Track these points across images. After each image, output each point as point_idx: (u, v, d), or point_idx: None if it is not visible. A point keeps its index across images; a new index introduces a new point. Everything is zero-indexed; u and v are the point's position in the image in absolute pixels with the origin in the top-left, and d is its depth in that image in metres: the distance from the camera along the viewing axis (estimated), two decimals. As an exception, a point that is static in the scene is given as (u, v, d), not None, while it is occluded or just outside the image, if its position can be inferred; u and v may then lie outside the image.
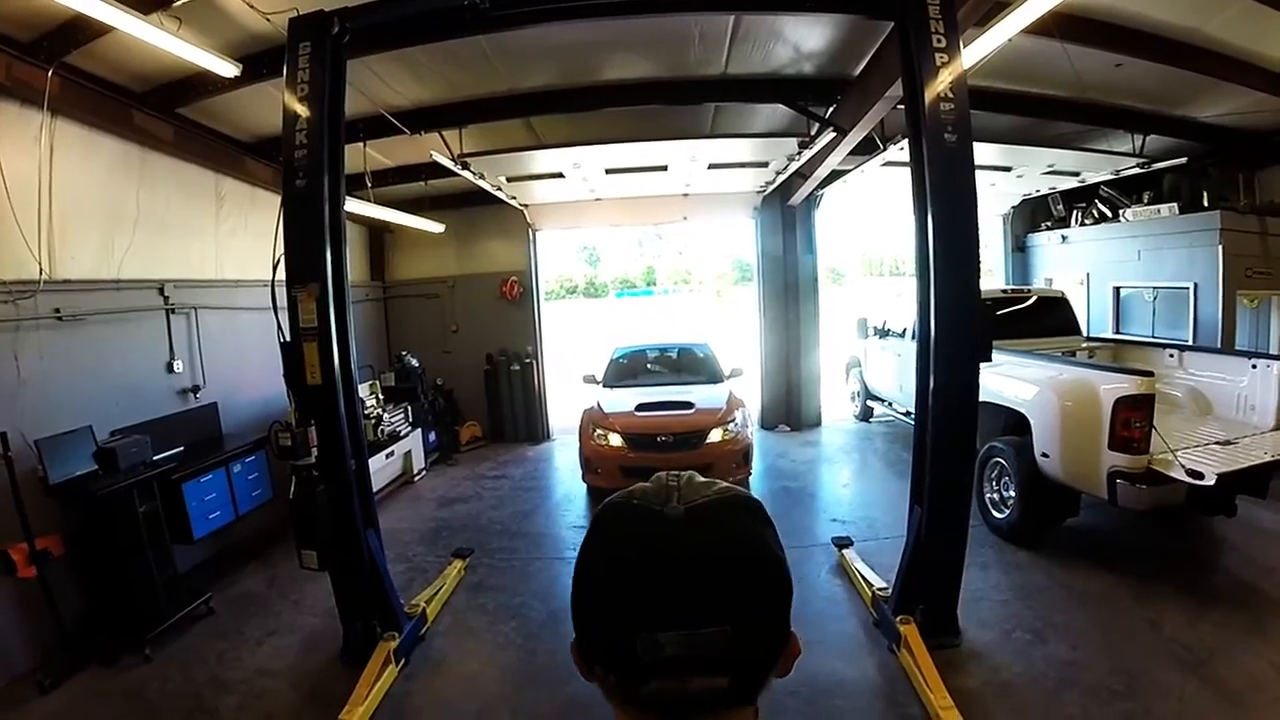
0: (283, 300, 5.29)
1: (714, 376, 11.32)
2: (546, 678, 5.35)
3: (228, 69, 5.89)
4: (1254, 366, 7.22)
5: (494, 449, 12.94)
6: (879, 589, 6.24)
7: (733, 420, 9.42)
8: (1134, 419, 6.20)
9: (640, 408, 9.62)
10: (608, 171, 10.12)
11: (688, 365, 12.08)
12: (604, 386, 11.10)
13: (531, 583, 7.08)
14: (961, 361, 5.35)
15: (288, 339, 5.23)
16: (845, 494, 9.84)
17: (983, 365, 5.52)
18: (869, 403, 13.76)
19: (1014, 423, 7.66)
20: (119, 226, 7.13)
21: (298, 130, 5.17)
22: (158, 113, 7.25)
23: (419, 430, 11.16)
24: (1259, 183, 11.45)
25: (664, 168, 10.21)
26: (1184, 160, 10.56)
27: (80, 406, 6.30)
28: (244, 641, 6.05)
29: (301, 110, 5.18)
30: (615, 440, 9.18)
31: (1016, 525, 7.50)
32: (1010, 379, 7.71)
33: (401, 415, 10.75)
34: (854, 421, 14.12)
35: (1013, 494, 7.56)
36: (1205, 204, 10.90)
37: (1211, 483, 5.66)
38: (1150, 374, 6.37)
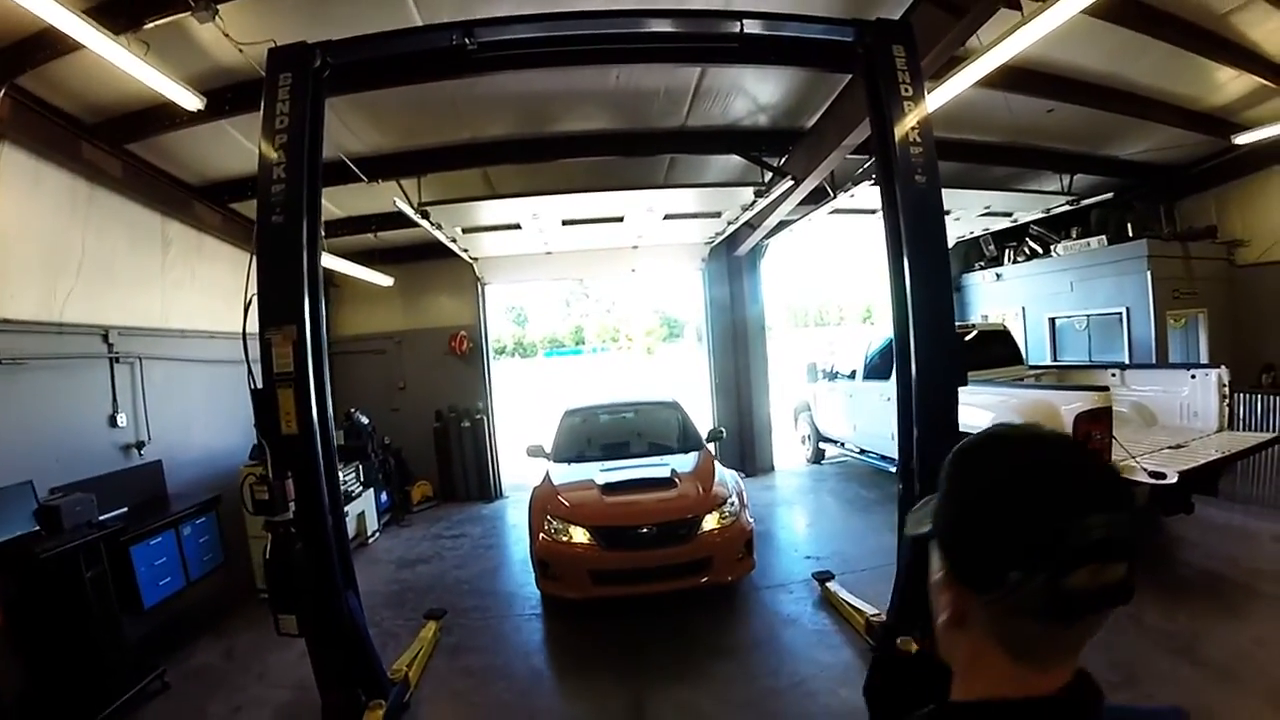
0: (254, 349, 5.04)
1: (691, 442, 9.30)
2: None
3: (192, 101, 5.77)
4: (1193, 377, 7.81)
5: (447, 508, 12.60)
6: (872, 615, 6.32)
7: (729, 500, 7.45)
8: (1095, 431, 6.64)
9: (608, 489, 7.49)
10: (564, 223, 10.02)
11: (656, 429, 9.93)
12: (555, 461, 8.98)
13: (511, 641, 6.89)
14: (942, 385, 5.49)
15: (259, 385, 4.96)
16: (811, 532, 9.86)
17: None
18: (821, 445, 13.97)
19: None
20: (63, 266, 6.82)
21: (275, 165, 4.99)
22: (108, 147, 6.99)
23: (371, 490, 10.76)
24: (1179, 212, 12.31)
25: (620, 219, 10.14)
26: (1110, 195, 11.46)
27: (16, 460, 5.87)
28: None
29: (279, 143, 5.01)
30: (579, 535, 7.06)
31: None
32: (971, 407, 7.75)
33: (353, 475, 10.24)
34: (806, 465, 14.36)
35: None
36: (1131, 234, 11.64)
37: (1174, 481, 6.14)
38: (1106, 389, 6.93)
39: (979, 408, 7.85)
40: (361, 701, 5.14)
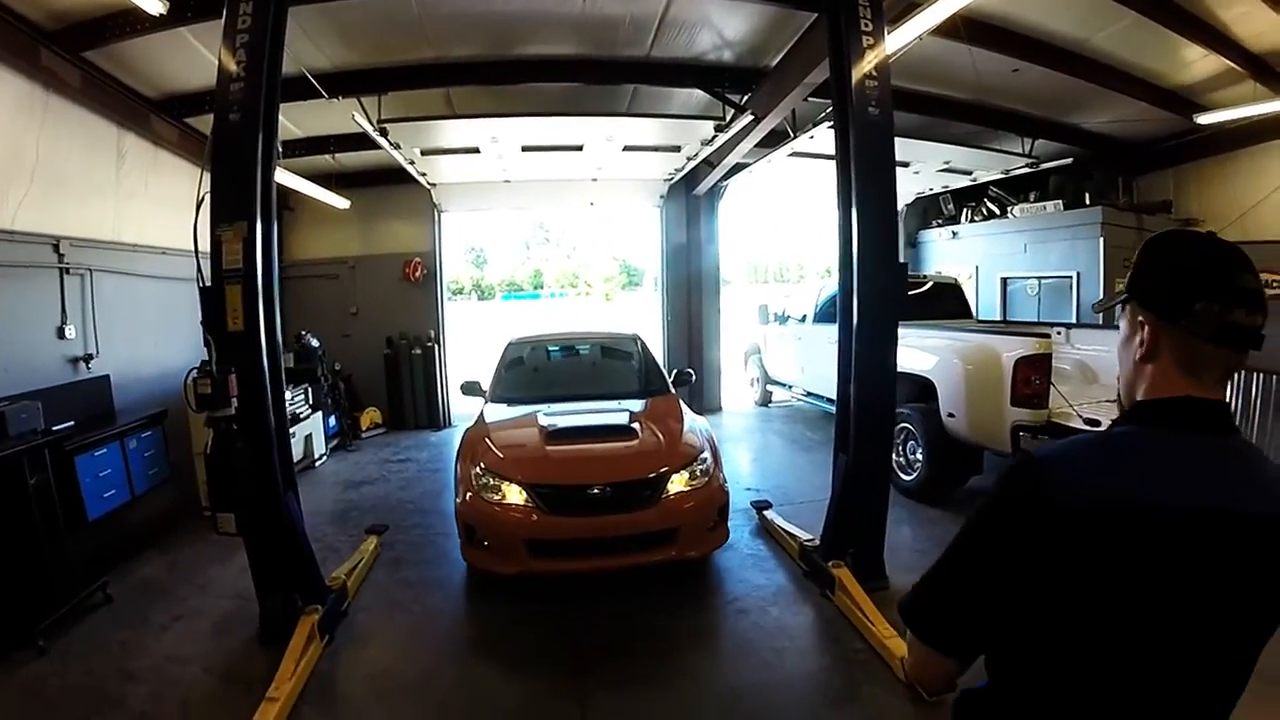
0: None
1: (655, 384, 8.07)
2: (487, 642, 5.29)
3: (154, 4, 5.61)
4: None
5: (395, 435, 12.57)
6: (806, 541, 6.52)
7: (702, 455, 6.23)
8: (1034, 376, 6.78)
9: (554, 437, 6.24)
10: (524, 149, 9.79)
11: (615, 368, 8.83)
12: (492, 402, 7.65)
13: (451, 555, 6.74)
14: (884, 309, 5.76)
15: (208, 284, 4.92)
16: (755, 468, 10.03)
17: None
18: (769, 388, 14.20)
19: (920, 390, 8.14)
20: (16, 173, 6.61)
21: (236, 64, 4.93)
22: (67, 54, 6.80)
23: (319, 414, 10.67)
24: (1137, 186, 12.59)
25: (579, 147, 9.92)
26: (1069, 161, 11.56)
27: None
28: (148, 628, 5.47)
29: (240, 42, 4.94)
30: (514, 495, 5.73)
31: (925, 484, 8.09)
32: (915, 349, 8.14)
33: (302, 397, 10.14)
34: (754, 407, 14.60)
35: (920, 456, 8.09)
36: (1087, 202, 11.76)
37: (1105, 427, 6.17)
38: (1047, 335, 7.06)
39: (925, 351, 8.12)
40: (298, 606, 5.14)
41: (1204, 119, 9.57)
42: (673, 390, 7.94)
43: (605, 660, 4.98)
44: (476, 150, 9.74)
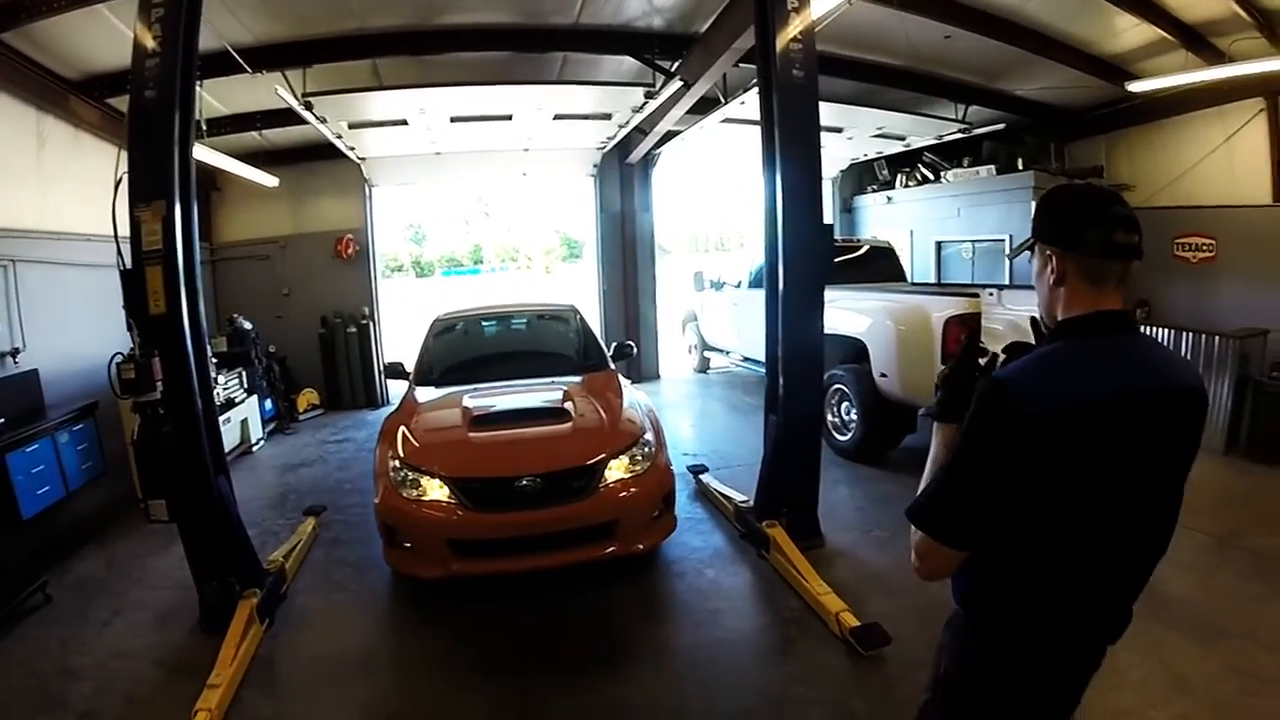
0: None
1: (594, 359, 7.63)
2: (427, 618, 5.25)
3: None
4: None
5: (333, 416, 12.39)
6: (741, 502, 6.60)
7: (643, 436, 5.80)
8: (963, 335, 6.76)
9: (479, 423, 5.78)
10: (453, 120, 9.64)
11: (550, 343, 8.39)
12: (417, 384, 7.14)
13: None
14: (809, 270, 5.85)
15: (128, 266, 4.79)
16: (692, 433, 10.17)
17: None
18: (706, 354, 14.35)
19: (853, 352, 8.29)
20: None
21: (152, 38, 4.76)
22: (-20, 37, 6.52)
23: (255, 397, 10.46)
24: (1069, 152, 12.77)
25: (509, 117, 9.79)
26: (1002, 127, 11.69)
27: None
28: (89, 625, 5.36)
29: (155, 16, 4.77)
30: (435, 490, 5.25)
31: (860, 444, 8.25)
32: (847, 312, 8.33)
33: (236, 381, 9.94)
34: (693, 374, 14.76)
35: (854, 417, 8.24)
36: (1020, 167, 11.97)
37: None
38: (976, 295, 7.22)
39: (858, 313, 8.27)
40: (236, 591, 5.07)
41: (1135, 87, 9.72)
42: (612, 365, 7.46)
43: (545, 628, 5.00)
44: (404, 122, 9.57)
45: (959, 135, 11.99)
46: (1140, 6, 8.06)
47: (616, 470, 5.46)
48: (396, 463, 5.48)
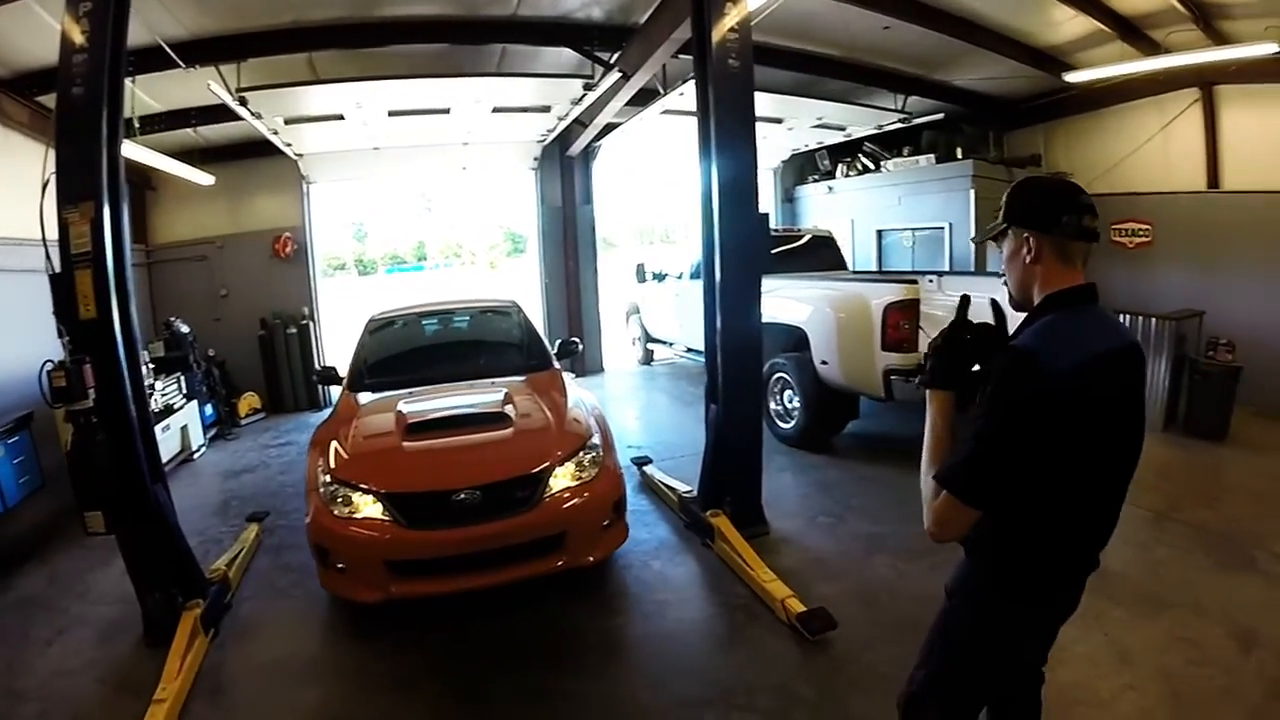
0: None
1: (537, 358, 7.25)
2: (372, 622, 5.13)
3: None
4: (1005, 284, 7.96)
5: (275, 420, 12.13)
6: (685, 492, 6.65)
7: (590, 440, 5.49)
8: (902, 321, 7.12)
9: (413, 431, 5.39)
10: (391, 114, 9.54)
11: (491, 342, 8.06)
12: (351, 390, 6.70)
13: None
14: (746, 259, 5.89)
15: (57, 270, 4.67)
16: (637, 425, 10.24)
17: (764, 289, 6.13)
18: (650, 346, 14.43)
19: (795, 340, 8.37)
20: None
21: (80, 33, 4.62)
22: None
23: (194, 403, 10.16)
24: (1007, 141, 13.04)
25: (447, 110, 9.71)
26: (941, 117, 11.86)
27: None
28: (31, 645, 5.18)
29: (83, 11, 4.63)
30: (368, 506, 4.87)
31: (804, 432, 8.36)
32: (788, 300, 8.42)
33: (175, 386, 9.66)
34: (637, 366, 14.81)
35: (798, 404, 8.34)
36: (959, 156, 12.16)
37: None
38: (915, 283, 7.31)
39: (798, 301, 8.38)
40: (179, 602, 4.93)
41: (1072, 78, 9.96)
42: (556, 364, 7.15)
43: (491, 626, 4.96)
44: (341, 117, 9.46)
45: (899, 125, 12.11)
46: (1078, -2, 8.18)
47: (562, 478, 5.14)
48: (326, 478, 5.09)
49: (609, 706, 4.13)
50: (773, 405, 8.83)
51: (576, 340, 7.87)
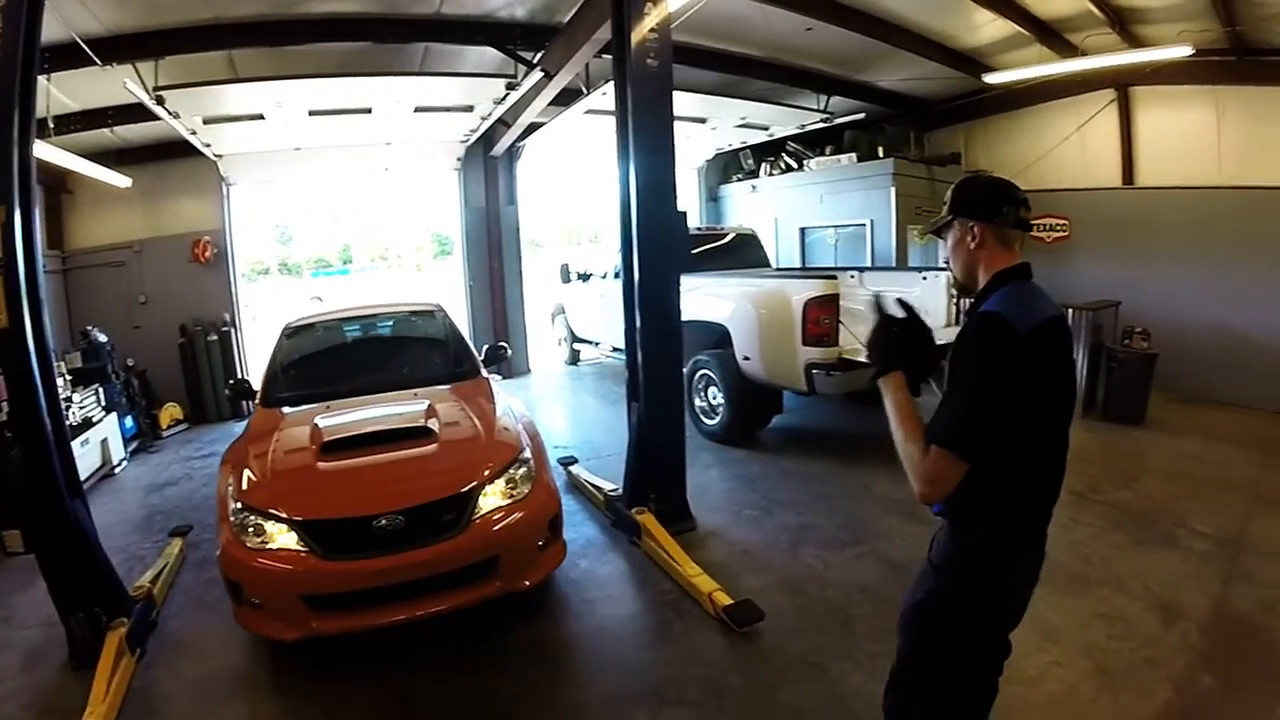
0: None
1: (463, 366, 6.91)
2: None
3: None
4: (925, 279, 8.30)
5: (199, 430, 11.75)
6: (610, 491, 6.71)
7: (522, 453, 5.13)
8: (822, 316, 7.25)
9: (329, 450, 4.97)
10: (311, 113, 9.37)
11: (415, 349, 7.55)
12: (265, 406, 6.25)
13: None
14: (664, 257, 5.98)
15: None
16: (564, 426, 10.23)
17: (685, 288, 6.26)
18: (576, 346, 14.41)
19: (717, 337, 8.48)
20: None
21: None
22: None
23: (114, 415, 9.81)
24: (928, 140, 13.42)
25: (369, 110, 9.59)
26: (862, 116, 12.09)
27: None
28: None
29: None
30: (283, 537, 4.45)
31: (729, 427, 8.47)
32: (710, 297, 8.54)
33: (93, 398, 9.32)
34: (564, 366, 14.82)
35: (722, 401, 8.43)
36: (880, 154, 12.36)
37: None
38: (834, 278, 7.47)
39: (720, 298, 8.50)
40: (103, 622, 4.75)
41: (992, 79, 10.32)
42: (483, 371, 6.84)
43: (421, 631, 4.82)
44: (261, 117, 9.26)
45: (821, 125, 12.28)
46: (997, 2, 8.47)
47: (493, 496, 4.78)
48: (236, 504, 4.67)
49: (539, 708, 4.13)
50: (697, 402, 8.94)
51: (504, 345, 7.62)
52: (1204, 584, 5.12)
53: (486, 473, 4.84)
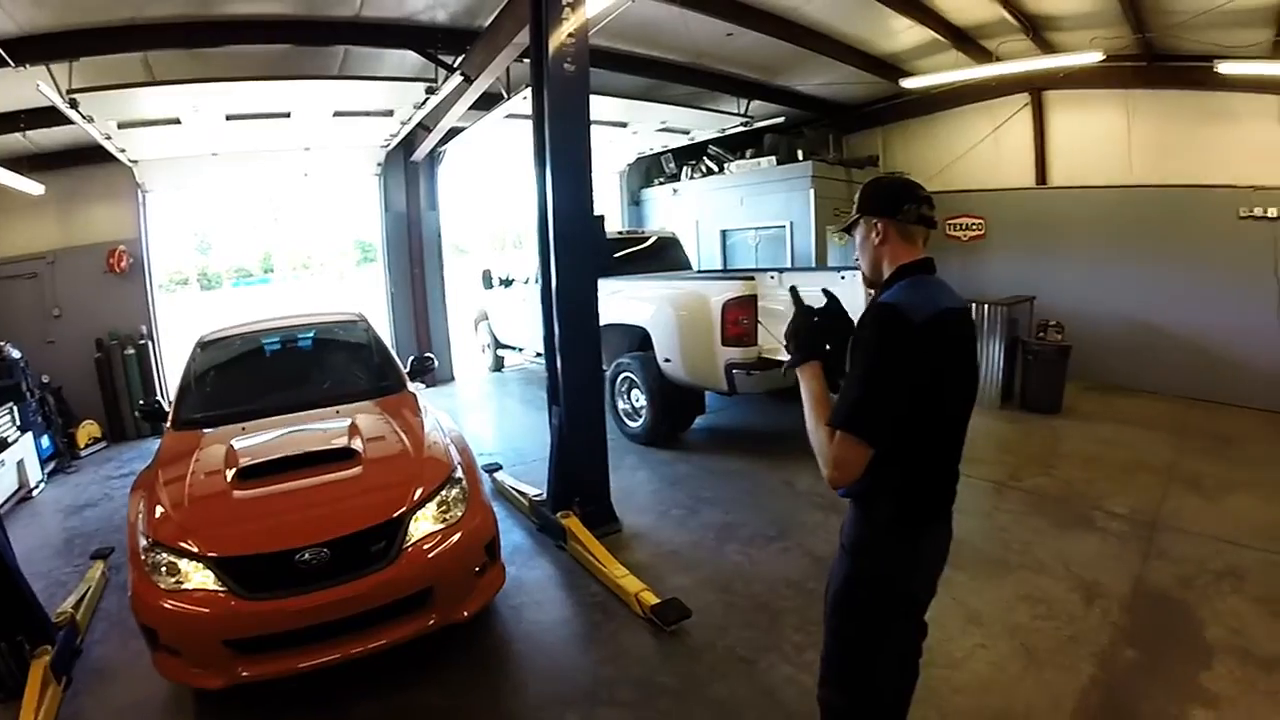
0: None
1: (389, 379, 6.51)
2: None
3: None
4: (843, 278, 8.32)
5: (118, 448, 11.35)
6: (535, 496, 6.71)
7: (453, 473, 4.82)
8: (741, 317, 7.34)
9: (244, 477, 4.56)
10: (229, 118, 9.14)
11: (337, 363, 7.03)
12: (176, 428, 5.70)
13: None
14: (582, 261, 6.03)
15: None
16: (488, 432, 10.15)
17: (606, 291, 6.39)
18: (499, 353, 14.41)
19: (639, 340, 8.57)
20: None
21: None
22: None
23: (30, 435, 9.38)
24: (847, 143, 13.82)
25: (288, 115, 9.42)
26: (781, 120, 12.34)
27: None
28: None
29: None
30: (199, 575, 4.01)
31: (652, 429, 8.52)
32: (631, 300, 8.63)
33: (8, 418, 8.92)
34: (488, 373, 14.75)
35: (645, 403, 8.50)
36: (800, 157, 12.57)
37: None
38: (752, 279, 7.58)
39: (641, 301, 8.59)
40: (26, 651, 4.57)
41: (909, 84, 10.61)
42: (409, 385, 6.43)
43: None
44: (178, 121, 9.00)
45: (742, 129, 12.50)
46: (914, 9, 8.71)
47: (424, 521, 4.44)
48: (145, 541, 4.24)
49: (469, 716, 4.12)
50: (621, 405, 9.01)
51: (431, 356, 7.27)
52: (1123, 562, 5.36)
53: (417, 496, 4.49)
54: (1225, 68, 8.56)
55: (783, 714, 3.88)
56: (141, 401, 6.76)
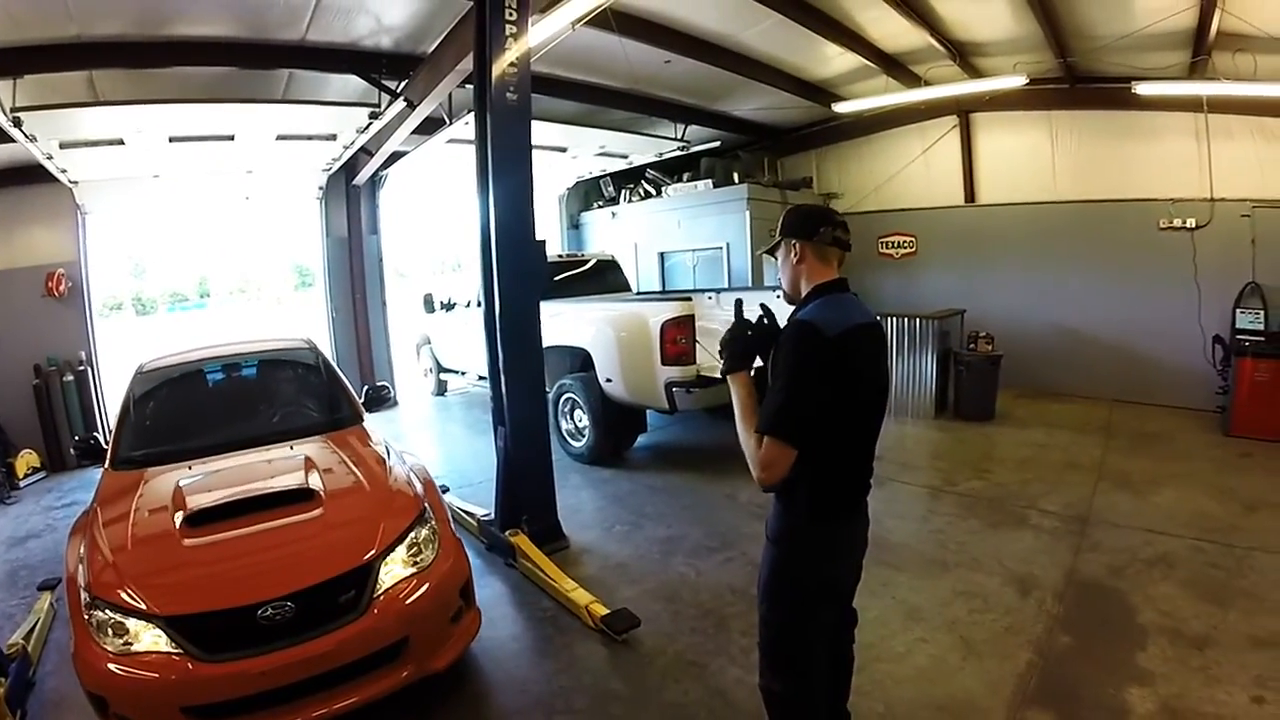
0: None
1: (343, 411, 6.06)
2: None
3: None
4: (778, 296, 8.55)
5: (58, 478, 10.96)
6: (483, 516, 6.78)
7: (422, 513, 4.43)
8: (680, 336, 7.56)
9: (194, 523, 4.08)
10: (172, 140, 9.02)
11: (287, 394, 6.47)
12: (115, 466, 5.13)
13: None
14: (523, 284, 6.17)
15: None
16: (433, 455, 10.09)
17: (548, 313, 6.52)
18: (443, 377, 14.35)
19: (580, 360, 8.73)
20: None
21: None
22: None
23: None
24: (782, 166, 14.21)
25: (231, 137, 9.31)
26: (717, 144, 12.73)
27: None
28: None
29: None
30: (150, 637, 3.54)
31: (596, 448, 8.64)
32: (572, 322, 8.80)
33: None
34: (431, 397, 14.67)
35: (587, 423, 8.62)
36: (736, 180, 12.89)
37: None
38: (689, 299, 7.81)
39: (582, 323, 8.80)
40: None
41: (841, 108, 11.14)
42: (365, 416, 5.99)
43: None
44: (121, 142, 8.87)
45: (679, 153, 12.79)
46: (845, 37, 9.03)
47: (395, 565, 4.06)
48: (88, 597, 3.75)
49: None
50: (564, 425, 9.13)
51: (386, 385, 6.93)
52: (1056, 556, 5.68)
53: (386, 539, 4.12)
54: (1143, 88, 9.05)
55: (734, 713, 4.02)
56: (77, 437, 6.19)
